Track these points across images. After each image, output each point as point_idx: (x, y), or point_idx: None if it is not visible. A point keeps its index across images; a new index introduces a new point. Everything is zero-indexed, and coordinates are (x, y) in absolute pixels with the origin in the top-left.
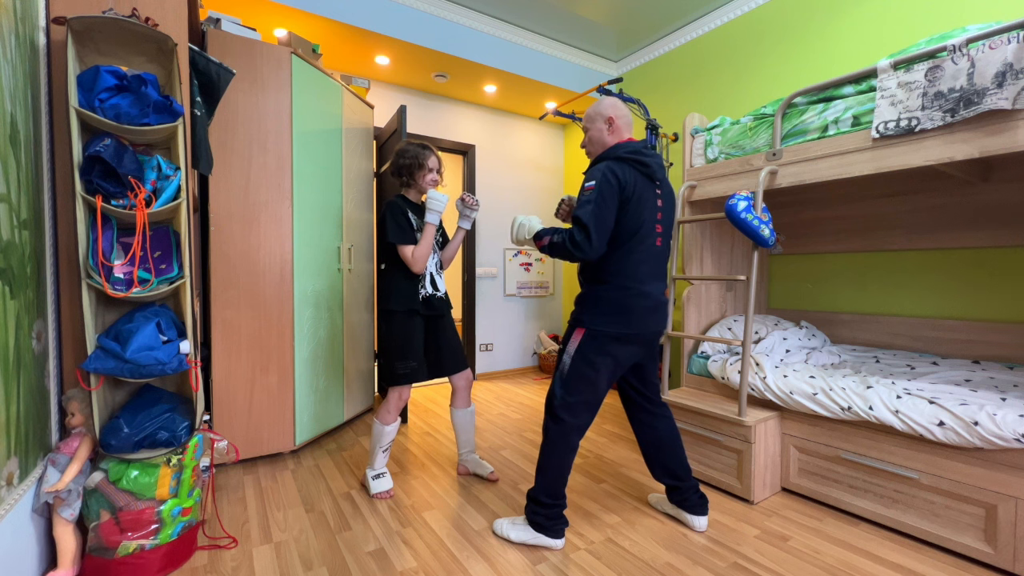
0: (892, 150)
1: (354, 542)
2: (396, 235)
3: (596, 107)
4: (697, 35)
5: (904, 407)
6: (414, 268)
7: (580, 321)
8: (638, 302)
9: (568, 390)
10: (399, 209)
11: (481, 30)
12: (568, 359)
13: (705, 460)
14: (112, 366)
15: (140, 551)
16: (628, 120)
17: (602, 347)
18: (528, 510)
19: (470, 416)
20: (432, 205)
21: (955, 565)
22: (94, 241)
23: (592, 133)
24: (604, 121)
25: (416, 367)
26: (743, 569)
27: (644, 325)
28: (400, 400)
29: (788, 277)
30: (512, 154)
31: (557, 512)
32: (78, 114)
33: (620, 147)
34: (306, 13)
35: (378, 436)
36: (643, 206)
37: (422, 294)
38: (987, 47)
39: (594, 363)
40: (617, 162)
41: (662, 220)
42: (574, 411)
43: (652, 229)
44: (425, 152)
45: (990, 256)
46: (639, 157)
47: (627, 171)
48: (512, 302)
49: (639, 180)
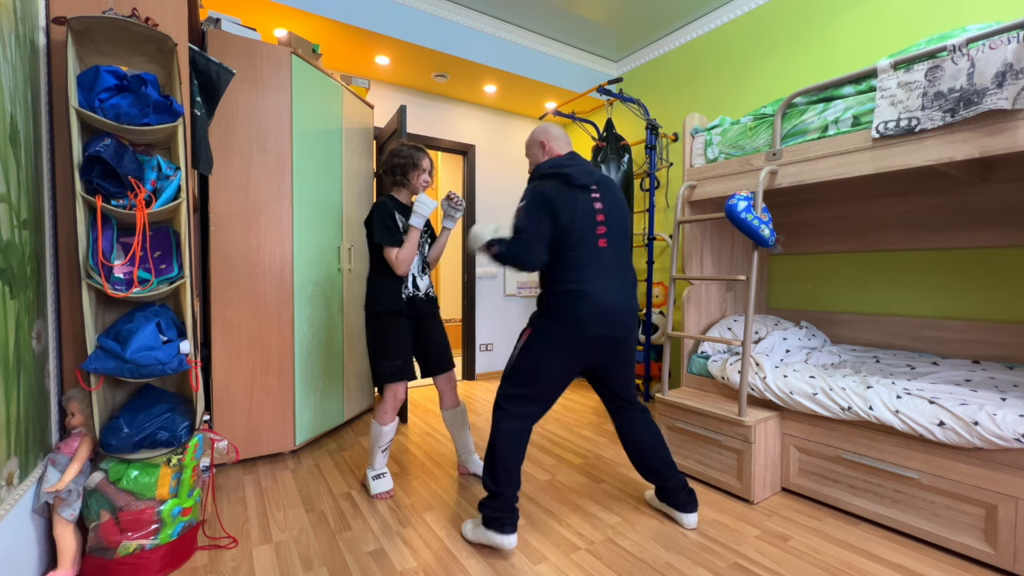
0: (892, 150)
1: (354, 542)
2: (382, 236)
3: (531, 136)
4: (697, 35)
5: (904, 407)
6: (398, 270)
7: (530, 322)
8: (581, 304)
9: (509, 383)
10: (387, 210)
11: (481, 30)
12: (515, 354)
13: (705, 460)
14: (112, 366)
15: (140, 551)
16: (562, 139)
17: (545, 347)
18: (479, 505)
19: (460, 415)
20: (419, 208)
21: (955, 565)
22: (94, 241)
23: (530, 159)
24: (538, 146)
25: (401, 365)
26: (743, 569)
27: (591, 327)
28: (395, 399)
29: (788, 277)
30: (512, 154)
31: (502, 503)
32: (78, 114)
33: (542, 165)
34: (306, 13)
35: (376, 437)
36: (574, 212)
37: (405, 295)
38: (987, 47)
39: (536, 360)
40: (540, 179)
41: (606, 221)
42: (514, 401)
43: (591, 232)
44: (419, 153)
45: (990, 256)
46: (556, 170)
47: (549, 184)
48: (512, 302)
49: (563, 190)
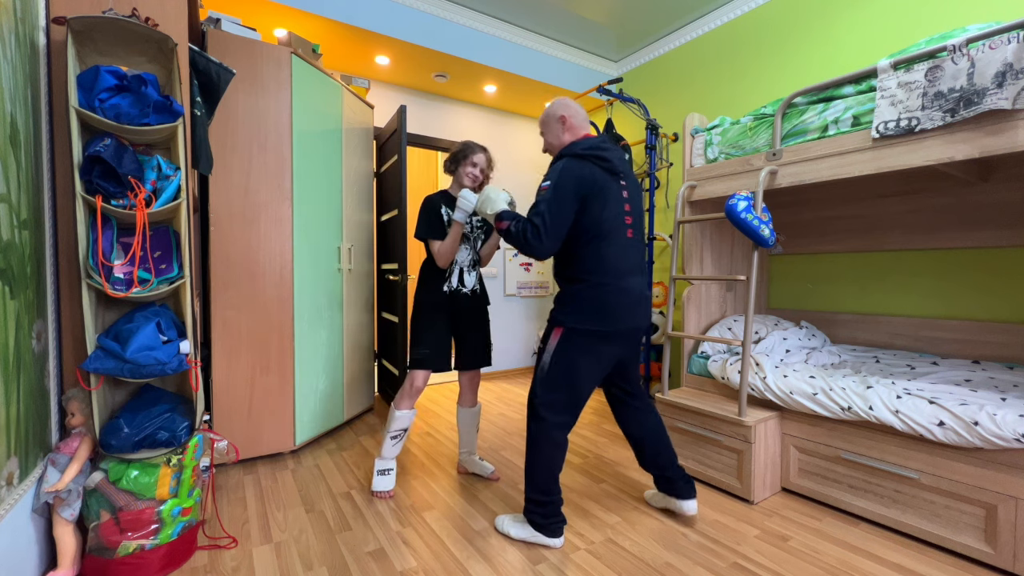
0: (892, 150)
1: (354, 542)
2: (421, 230)
3: (547, 110)
4: (697, 35)
5: (904, 407)
6: (438, 262)
7: (558, 320)
8: (617, 298)
9: (547, 388)
10: (432, 206)
11: (481, 30)
12: (548, 358)
13: (705, 460)
14: (112, 366)
15: (140, 551)
16: (582, 116)
17: (581, 345)
18: (526, 509)
19: (471, 416)
20: (460, 204)
21: (955, 565)
22: (94, 241)
23: (548, 137)
24: (557, 121)
25: (428, 354)
26: (743, 569)
27: (624, 321)
28: (412, 387)
29: (788, 277)
30: (512, 154)
31: (552, 510)
32: (78, 114)
33: (578, 144)
34: (306, 13)
35: (389, 420)
36: (606, 201)
37: (447, 288)
38: (987, 47)
39: (573, 361)
40: (575, 159)
41: (631, 212)
42: (555, 409)
43: (621, 222)
44: (476, 148)
45: (990, 256)
46: (598, 152)
47: (586, 168)
48: (512, 302)
49: (599, 175)
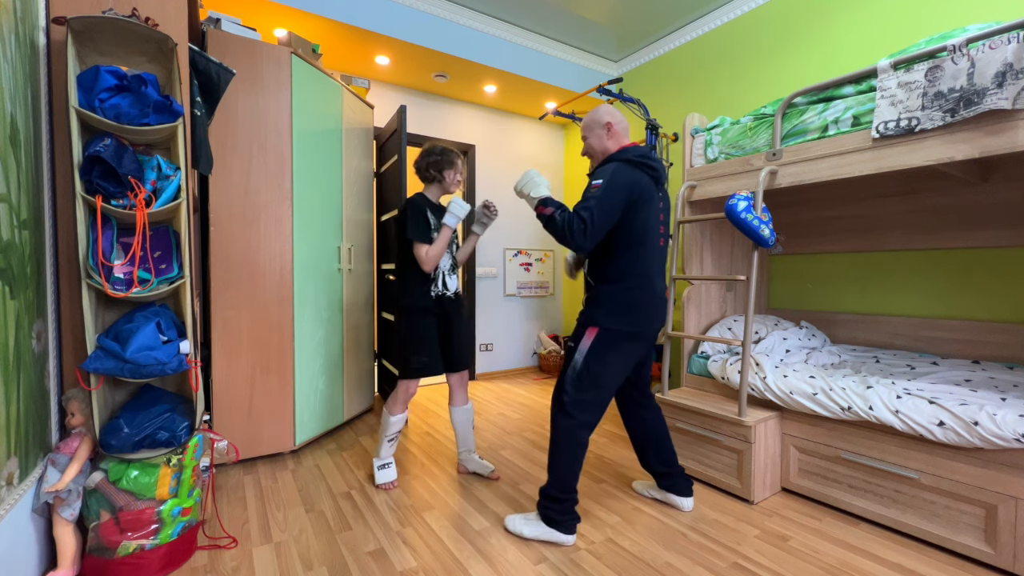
0: (892, 150)
1: (354, 542)
2: (414, 232)
3: (593, 115)
4: (697, 35)
5: (904, 407)
6: (424, 267)
7: (593, 320)
8: (649, 300)
9: (579, 388)
10: (419, 208)
11: (481, 30)
12: (581, 357)
13: (705, 460)
14: (112, 366)
15: (140, 551)
16: (625, 124)
17: (615, 345)
18: (541, 506)
19: (465, 414)
20: (453, 210)
21: (955, 565)
22: (94, 241)
23: (592, 140)
24: (603, 127)
25: (428, 362)
26: (743, 569)
27: (651, 322)
28: (407, 392)
29: (788, 277)
30: (512, 154)
31: (569, 507)
32: (78, 114)
33: (630, 150)
34: (306, 13)
35: (384, 425)
36: (651, 208)
37: (434, 292)
38: (987, 47)
39: (607, 361)
40: (628, 164)
41: (664, 220)
42: (584, 408)
43: (656, 230)
44: (453, 153)
45: (990, 256)
46: (649, 162)
47: (637, 174)
48: (512, 302)
49: (646, 183)
